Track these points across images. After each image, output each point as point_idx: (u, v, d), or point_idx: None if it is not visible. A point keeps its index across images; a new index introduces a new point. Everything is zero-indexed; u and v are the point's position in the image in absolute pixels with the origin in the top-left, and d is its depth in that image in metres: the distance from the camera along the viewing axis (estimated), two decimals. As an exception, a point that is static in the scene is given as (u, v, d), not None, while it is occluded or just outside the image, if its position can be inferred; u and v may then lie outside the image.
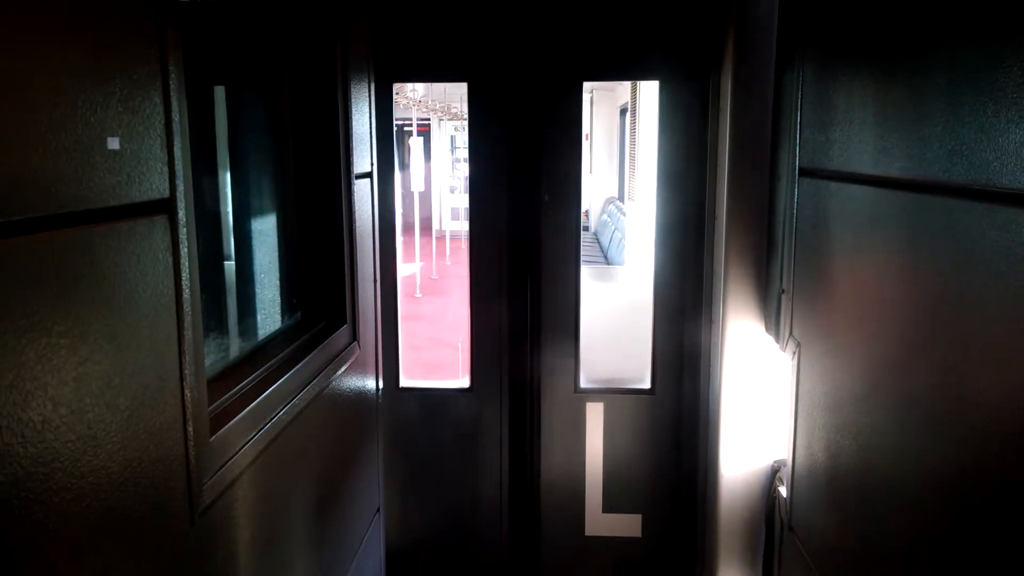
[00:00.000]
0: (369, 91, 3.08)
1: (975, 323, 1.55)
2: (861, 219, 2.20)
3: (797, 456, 2.81)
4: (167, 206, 1.42)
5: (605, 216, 15.48)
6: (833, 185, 2.42)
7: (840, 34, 2.41)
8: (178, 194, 1.45)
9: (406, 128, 17.08)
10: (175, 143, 1.44)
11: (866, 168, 2.13)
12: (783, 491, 3.12)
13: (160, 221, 1.40)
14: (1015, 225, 1.40)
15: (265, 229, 2.60)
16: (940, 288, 1.71)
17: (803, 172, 2.72)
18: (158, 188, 1.39)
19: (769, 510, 3.42)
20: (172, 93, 1.43)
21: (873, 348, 2.10)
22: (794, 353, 2.82)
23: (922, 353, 1.79)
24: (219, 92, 2.32)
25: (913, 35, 1.86)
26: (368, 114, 3.06)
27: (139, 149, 1.33)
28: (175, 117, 1.44)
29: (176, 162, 1.44)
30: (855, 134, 2.21)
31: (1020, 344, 1.39)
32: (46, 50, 1.11)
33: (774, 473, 3.41)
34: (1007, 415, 1.42)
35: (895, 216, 1.96)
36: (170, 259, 1.43)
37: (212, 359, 2.07)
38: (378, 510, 3.37)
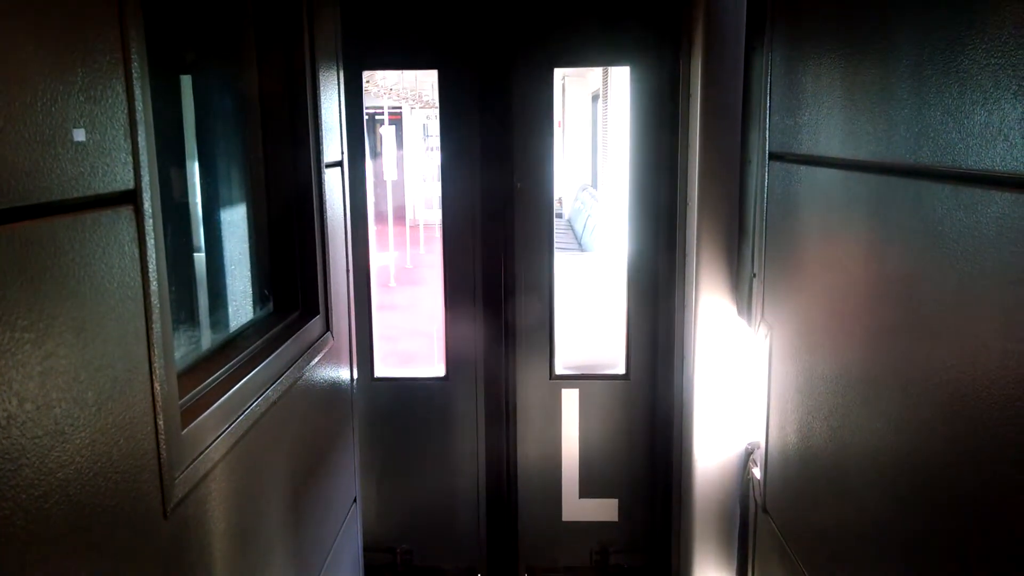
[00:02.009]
0: (338, 78, 3.05)
1: (943, 303, 1.57)
2: (830, 202, 2.22)
3: (770, 438, 2.84)
4: (132, 197, 1.40)
5: (579, 203, 15.52)
6: (802, 169, 2.44)
7: (808, 17, 2.42)
8: (143, 185, 1.42)
9: (377, 116, 16.96)
10: (139, 133, 1.41)
11: (835, 151, 2.15)
12: (757, 473, 3.15)
13: (125, 212, 1.38)
14: (981, 205, 1.42)
15: (234, 219, 2.57)
16: (908, 269, 1.73)
17: (773, 156, 2.74)
18: (122, 179, 1.37)
19: (743, 492, 3.46)
20: (135, 82, 1.40)
21: (843, 330, 2.12)
22: (766, 336, 2.84)
23: (891, 333, 1.82)
24: (185, 80, 2.29)
25: (879, 17, 1.87)
26: (337, 102, 3.03)
27: (102, 139, 1.31)
28: (139, 106, 1.41)
29: (141, 152, 1.41)
30: (824, 118, 2.23)
31: (986, 323, 1.41)
32: (2, 39, 1.09)
33: (748, 455, 3.45)
34: (974, 393, 1.45)
35: (864, 199, 1.98)
36: (136, 251, 1.41)
37: (183, 352, 2.05)
38: (355, 500, 3.36)
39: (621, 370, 4.36)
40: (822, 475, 2.32)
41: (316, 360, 2.70)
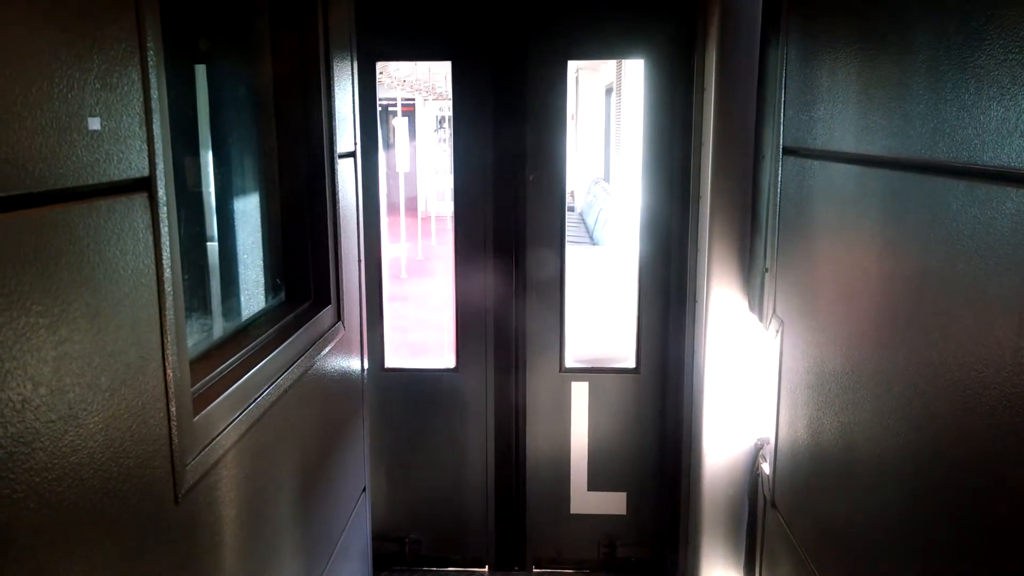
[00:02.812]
0: (352, 69, 3.05)
1: (956, 300, 1.56)
2: (844, 197, 2.21)
3: (780, 434, 2.83)
4: (146, 184, 1.41)
5: (591, 196, 15.48)
6: (817, 164, 2.43)
7: (824, 11, 2.41)
8: (158, 172, 1.43)
9: (391, 108, 16.95)
10: (154, 121, 1.42)
11: (849, 147, 2.14)
12: (766, 468, 3.15)
13: (140, 200, 1.39)
14: (996, 202, 1.41)
15: (247, 208, 2.58)
16: (922, 265, 1.72)
17: (787, 151, 2.73)
18: (137, 166, 1.38)
19: (752, 487, 3.46)
20: (151, 70, 1.41)
21: (856, 326, 2.12)
22: (777, 331, 2.84)
23: (904, 330, 1.81)
24: (200, 69, 2.30)
25: (896, 12, 1.86)
26: (351, 92, 3.04)
27: (117, 127, 1.32)
28: (154, 94, 1.42)
29: (155, 140, 1.42)
30: (838, 113, 2.22)
31: (1000, 320, 1.40)
32: (20, 26, 1.09)
33: (757, 451, 3.44)
34: (986, 391, 1.44)
35: (878, 194, 1.97)
36: (150, 238, 1.42)
37: (195, 339, 2.06)
38: (364, 490, 3.38)
39: (631, 363, 4.36)
40: (831, 471, 2.32)
41: (327, 350, 2.71)
